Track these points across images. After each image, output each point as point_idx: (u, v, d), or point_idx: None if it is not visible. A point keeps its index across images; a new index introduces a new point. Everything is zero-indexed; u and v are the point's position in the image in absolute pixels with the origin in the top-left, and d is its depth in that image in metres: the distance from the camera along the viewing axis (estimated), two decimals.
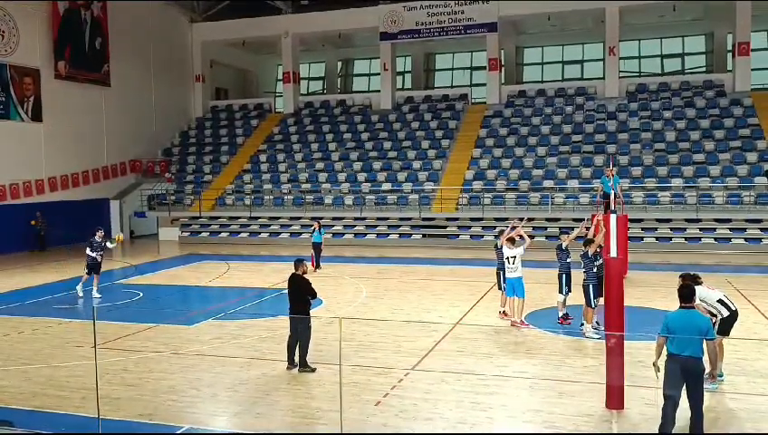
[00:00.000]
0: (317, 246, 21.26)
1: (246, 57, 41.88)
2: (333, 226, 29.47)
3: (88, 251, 17.03)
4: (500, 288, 14.24)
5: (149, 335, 13.23)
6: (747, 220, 25.33)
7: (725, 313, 9.66)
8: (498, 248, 14.23)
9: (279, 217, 30.72)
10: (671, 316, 7.69)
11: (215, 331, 13.51)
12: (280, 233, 30.07)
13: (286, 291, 11.05)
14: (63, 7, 30.15)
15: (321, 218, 27.27)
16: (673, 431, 7.52)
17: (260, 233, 30.42)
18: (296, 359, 10.61)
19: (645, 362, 10.49)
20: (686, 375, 7.40)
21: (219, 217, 31.76)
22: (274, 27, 37.28)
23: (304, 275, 10.90)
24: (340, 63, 43.55)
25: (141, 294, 17.21)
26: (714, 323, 9.37)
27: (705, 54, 37.16)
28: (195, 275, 20.83)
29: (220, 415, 9.10)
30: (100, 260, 17.17)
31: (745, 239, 24.82)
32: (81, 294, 16.96)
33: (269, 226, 30.65)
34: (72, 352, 12.08)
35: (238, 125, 38.11)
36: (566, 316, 13.39)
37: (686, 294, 7.72)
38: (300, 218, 29.92)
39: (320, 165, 33.11)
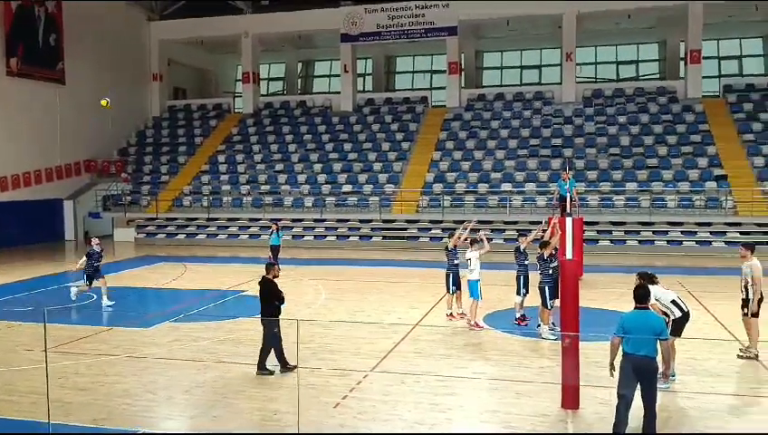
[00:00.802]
0: (275, 249, 20.98)
1: (205, 56, 41.40)
2: (293, 227, 29.32)
3: (84, 262, 16.04)
4: (448, 290, 14.32)
5: (104, 338, 12.97)
6: (698, 223, 26.03)
7: (678, 313, 9.92)
8: (449, 250, 14.33)
9: (238, 219, 30.43)
10: (626, 317, 7.86)
11: (171, 333, 13.31)
12: (239, 235, 29.78)
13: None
14: (16, 4, 29.36)
15: (280, 220, 27.09)
16: (626, 431, 7.69)
17: (218, 234, 30.08)
18: (289, 361, 10.45)
19: (600, 362, 10.70)
20: (641, 375, 7.57)
21: (176, 219, 31.30)
22: (234, 27, 36.92)
23: (275, 279, 10.79)
24: (300, 64, 43.37)
25: (95, 297, 16.85)
26: (666, 324, 9.60)
27: (658, 61, 38.10)
28: (151, 277, 20.48)
29: (175, 418, 8.98)
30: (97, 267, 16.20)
31: (696, 242, 25.50)
32: (108, 303, 15.92)
33: (227, 227, 30.33)
34: (22, 355, 11.77)
35: (196, 125, 37.63)
36: (523, 317, 13.56)
37: (641, 294, 7.89)
38: (259, 220, 29.68)
39: (279, 166, 32.90)
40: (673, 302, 9.95)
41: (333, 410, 8.97)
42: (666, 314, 9.82)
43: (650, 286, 9.70)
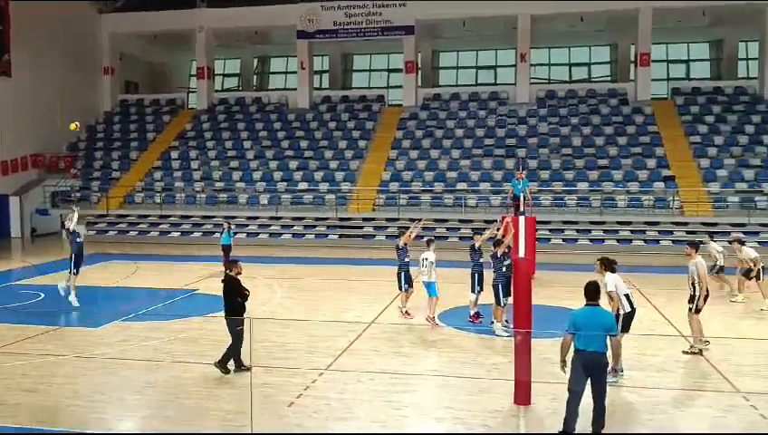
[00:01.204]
0: (226, 249, 20.61)
1: (159, 51, 40.62)
2: (248, 225, 29.04)
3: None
4: (400, 288, 14.41)
5: (52, 338, 12.65)
6: (647, 223, 26.72)
7: (627, 309, 10.18)
8: (400, 248, 14.43)
9: (191, 216, 29.98)
10: (577, 314, 8.03)
11: (122, 333, 13.06)
12: (192, 232, 29.31)
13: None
14: None
15: (234, 218, 26.86)
16: (576, 425, 7.85)
17: (171, 232, 29.57)
18: (244, 361, 10.27)
19: (551, 358, 10.90)
20: (591, 370, 7.74)
21: (128, 216, 30.67)
22: (188, 21, 36.34)
23: (238, 277, 10.67)
24: (256, 60, 42.94)
25: (43, 295, 16.42)
26: (617, 317, 9.85)
27: (609, 64, 38.94)
28: (101, 276, 20.03)
29: (126, 419, 8.83)
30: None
31: (644, 241, 26.16)
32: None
33: (180, 225, 29.85)
34: None
35: (149, 120, 36.94)
36: (477, 315, 13.72)
37: (591, 291, 8.05)
38: (213, 217, 29.28)
39: (234, 163, 32.56)
40: (626, 296, 10.21)
41: (288, 410, 8.94)
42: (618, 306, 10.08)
43: (610, 275, 10.01)
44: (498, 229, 14.76)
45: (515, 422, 8.64)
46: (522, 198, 19.85)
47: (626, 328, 10.12)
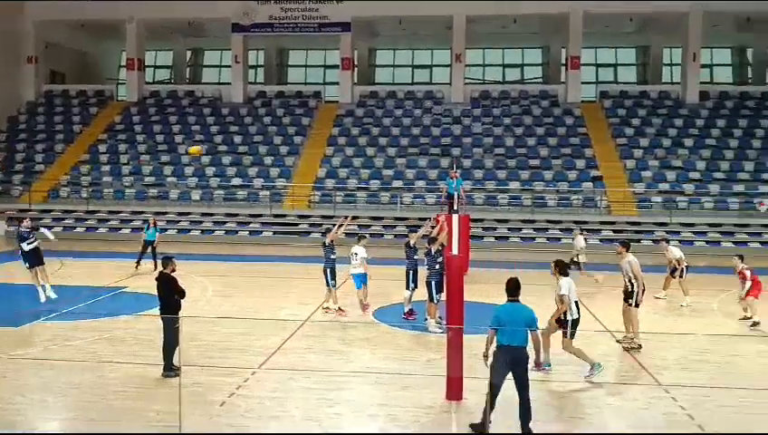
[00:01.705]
0: (148, 244, 20.03)
1: (87, 40, 39.15)
2: (179, 221, 28.39)
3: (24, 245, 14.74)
4: (327, 285, 14.39)
5: None
6: (575, 222, 27.42)
7: (576, 315, 10.26)
8: (326, 246, 14.43)
9: (119, 212, 29.07)
10: (500, 309, 8.24)
11: (45, 332, 12.57)
12: (120, 228, 28.43)
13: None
14: None
15: (165, 214, 26.27)
16: (493, 417, 7.99)
17: (98, 228, 28.60)
18: (174, 361, 9.97)
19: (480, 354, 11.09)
20: (514, 364, 7.95)
21: (52, 211, 29.46)
22: (118, 10, 35.12)
23: (173, 274, 10.37)
24: (189, 53, 41.99)
25: None
26: (565, 323, 10.08)
27: (541, 66, 39.88)
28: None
29: (49, 421, 8.49)
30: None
31: (573, 240, 26.84)
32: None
33: (108, 220, 28.90)
34: None
35: (76, 112, 35.62)
36: (411, 312, 13.82)
37: (512, 287, 8.32)
38: (142, 213, 28.48)
39: (165, 157, 31.77)
40: (576, 303, 10.34)
41: (220, 409, 8.79)
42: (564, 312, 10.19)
43: (564, 278, 10.14)
44: (432, 227, 14.91)
45: (447, 418, 8.74)
46: (456, 197, 20.09)
47: (573, 334, 10.22)
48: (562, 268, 10.45)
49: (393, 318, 13.84)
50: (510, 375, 7.98)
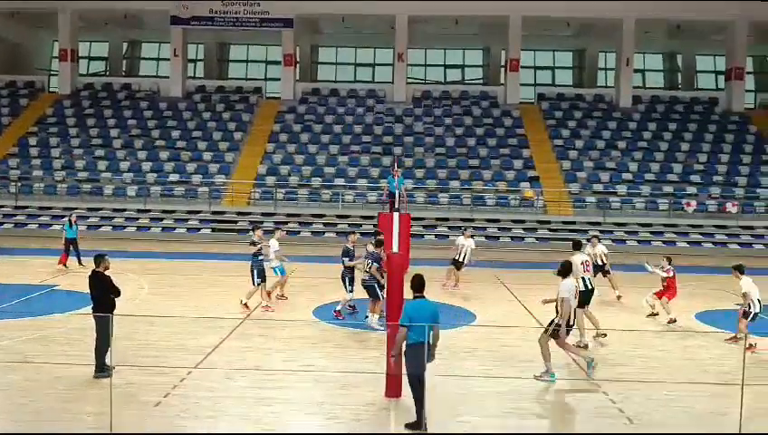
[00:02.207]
0: (71, 242, 19.49)
1: (17, 29, 37.44)
2: (113, 218, 27.64)
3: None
4: (253, 283, 14.31)
5: None
6: (513, 221, 28.05)
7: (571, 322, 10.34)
8: (254, 243, 14.36)
9: (51, 208, 28.07)
10: (410, 306, 8.36)
11: None
12: (51, 225, 27.39)
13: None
14: None
15: (99, 210, 25.52)
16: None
17: (28, 224, 27.53)
18: (108, 362, 9.63)
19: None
20: (422, 358, 8.15)
21: None
22: None
23: (106, 272, 10.05)
24: (126, 45, 40.84)
25: None
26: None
27: (482, 67, 40.46)
28: None
29: None
30: None
31: (511, 238, 27.43)
32: None
33: (38, 216, 27.86)
34: None
35: (4, 104, 34.21)
36: (353, 308, 13.85)
37: (417, 284, 8.47)
38: (75, 209, 27.52)
39: (100, 152, 30.85)
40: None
41: (154, 410, 8.61)
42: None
43: (566, 281, 10.07)
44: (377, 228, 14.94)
45: (387, 415, 8.79)
46: (397, 195, 20.20)
47: (554, 333, 10.16)
48: (565, 271, 10.28)
49: (332, 316, 13.81)
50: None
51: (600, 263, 16.44)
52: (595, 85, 37.97)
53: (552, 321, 10.32)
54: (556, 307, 10.34)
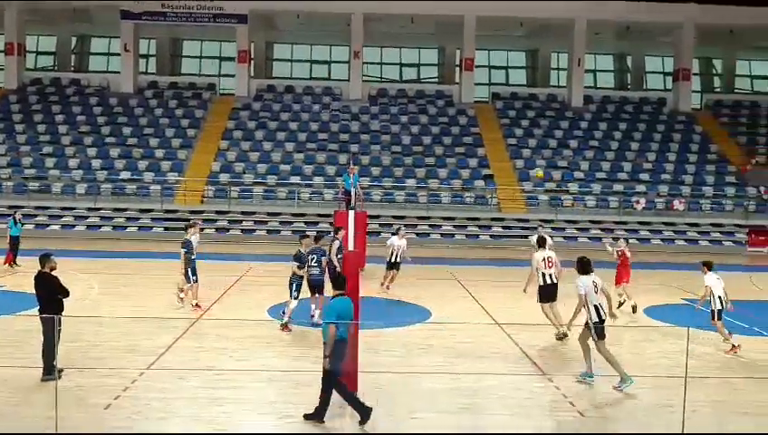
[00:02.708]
0: (14, 240, 19.02)
1: None
2: (62, 216, 26.98)
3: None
4: (188, 281, 14.16)
5: None
6: (468, 218, 28.33)
7: (594, 319, 9.86)
8: (186, 241, 14.26)
9: None
10: (336, 304, 8.39)
11: None
12: None
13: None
14: None
15: (47, 208, 24.85)
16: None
17: None
18: (56, 364, 9.34)
19: (377, 349, 11.25)
20: (344, 356, 8.27)
21: None
22: None
23: (53, 272, 9.75)
24: (74, 39, 39.81)
25: None
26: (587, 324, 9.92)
27: (437, 66, 40.69)
28: None
29: None
30: None
31: (466, 235, 27.71)
32: None
33: None
34: None
35: None
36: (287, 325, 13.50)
37: (341, 282, 8.54)
38: (22, 207, 26.73)
39: (48, 148, 30.06)
40: (596, 306, 9.95)
41: (104, 412, 8.43)
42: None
43: (582, 277, 9.90)
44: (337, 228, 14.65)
45: (341, 412, 8.77)
46: (353, 193, 20.19)
47: (600, 335, 9.86)
48: (582, 266, 10.06)
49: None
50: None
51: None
52: (548, 85, 38.60)
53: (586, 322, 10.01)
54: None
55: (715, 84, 41.20)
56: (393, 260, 16.50)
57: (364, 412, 8.23)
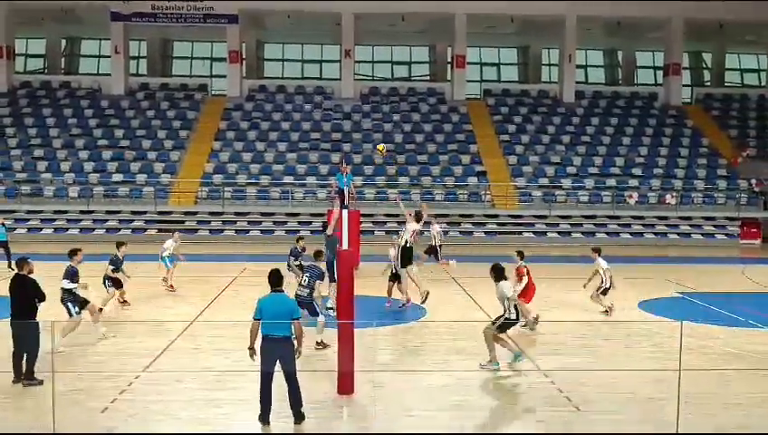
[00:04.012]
0: (3, 245, 19.02)
1: None
2: (55, 220, 26.88)
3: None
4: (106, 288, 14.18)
5: None
6: (461, 215, 28.38)
7: (513, 316, 10.64)
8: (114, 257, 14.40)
9: None
10: (264, 301, 8.36)
11: None
12: None
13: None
14: None
15: (40, 212, 24.74)
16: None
17: None
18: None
19: (373, 347, 11.28)
20: (279, 353, 8.18)
21: None
22: None
23: (30, 275, 9.74)
24: (64, 41, 39.63)
25: None
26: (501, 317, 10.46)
27: (429, 64, 40.71)
28: None
29: None
30: None
31: (460, 232, 27.76)
32: None
33: None
34: None
35: None
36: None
37: (275, 280, 8.48)
38: (14, 212, 26.71)
39: (39, 152, 29.92)
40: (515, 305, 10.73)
41: (101, 416, 8.43)
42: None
43: (503, 282, 10.57)
44: (325, 224, 14.80)
45: (340, 412, 8.81)
46: (346, 192, 20.18)
47: (501, 328, 10.53)
48: (499, 273, 10.79)
49: None
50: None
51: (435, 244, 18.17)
52: (539, 81, 38.67)
53: (501, 316, 10.59)
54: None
55: (706, 78, 41.36)
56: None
57: (262, 418, 8.25)
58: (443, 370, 10.53)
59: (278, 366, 8.22)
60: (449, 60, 37.21)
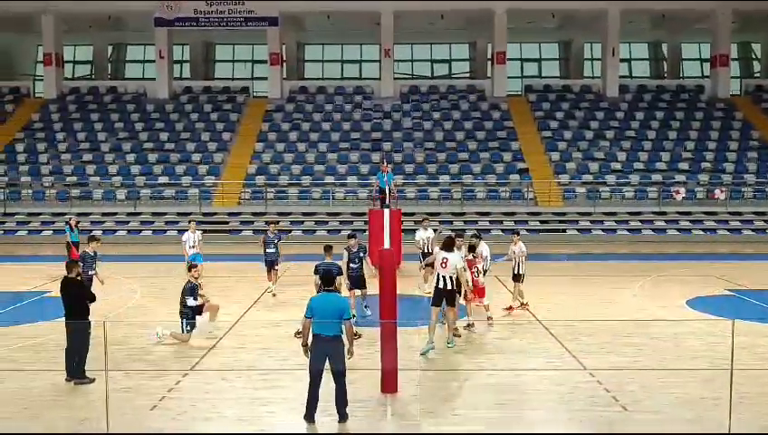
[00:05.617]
0: (74, 246, 19.54)
1: (1, 35, 37.17)
2: (104, 222, 27.54)
3: None
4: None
5: None
6: (504, 213, 28.12)
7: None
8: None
9: (40, 214, 27.94)
10: (315, 300, 8.41)
11: None
12: (41, 231, 27.30)
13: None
14: None
15: (89, 215, 25.37)
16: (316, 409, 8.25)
17: (17, 231, 27.40)
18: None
19: (415, 346, 11.25)
20: (329, 353, 8.17)
21: None
22: (32, 3, 33.57)
23: (78, 278, 10.02)
24: (110, 48, 40.60)
25: None
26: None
27: (468, 61, 40.48)
28: None
29: None
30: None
31: (502, 231, 27.48)
32: None
33: (28, 223, 27.74)
34: None
35: None
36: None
37: (326, 280, 8.53)
38: (64, 214, 27.42)
39: (88, 156, 30.72)
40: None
41: (150, 413, 8.61)
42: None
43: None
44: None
45: (383, 411, 8.82)
46: (387, 191, 20.23)
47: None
48: (449, 243, 11.51)
49: None
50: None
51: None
52: (581, 76, 38.08)
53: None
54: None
55: (755, 69, 40.16)
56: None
57: (308, 416, 8.27)
58: (487, 369, 10.45)
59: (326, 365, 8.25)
60: (489, 56, 36.92)
